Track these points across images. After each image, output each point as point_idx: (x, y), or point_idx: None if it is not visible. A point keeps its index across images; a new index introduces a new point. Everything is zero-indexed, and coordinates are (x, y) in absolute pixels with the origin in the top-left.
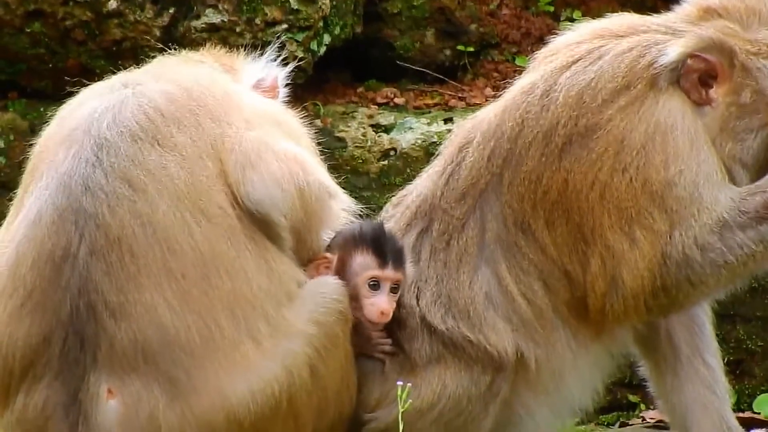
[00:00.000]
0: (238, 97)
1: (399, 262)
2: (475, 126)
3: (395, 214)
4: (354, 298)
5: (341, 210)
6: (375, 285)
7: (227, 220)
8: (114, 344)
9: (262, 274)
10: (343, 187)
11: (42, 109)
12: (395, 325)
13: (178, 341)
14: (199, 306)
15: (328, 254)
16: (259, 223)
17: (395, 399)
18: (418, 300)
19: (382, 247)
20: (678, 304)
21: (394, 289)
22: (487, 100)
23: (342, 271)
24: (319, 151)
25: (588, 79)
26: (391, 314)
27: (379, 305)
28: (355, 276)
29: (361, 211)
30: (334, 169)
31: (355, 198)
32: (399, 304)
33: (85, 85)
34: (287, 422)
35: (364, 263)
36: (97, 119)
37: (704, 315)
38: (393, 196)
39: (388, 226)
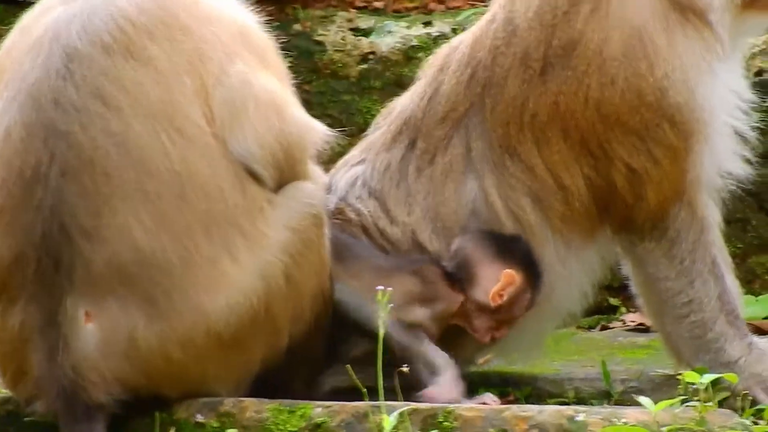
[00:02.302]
0: (207, 7)
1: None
2: (450, 54)
3: (382, 126)
4: (501, 323)
5: (319, 140)
6: None
7: (203, 138)
8: (90, 267)
9: (237, 191)
10: (322, 91)
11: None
12: (390, 247)
13: (154, 262)
14: (175, 226)
15: (514, 273)
16: None
17: None
18: (409, 215)
19: (541, 286)
20: (698, 219)
21: None
22: (466, 4)
23: (515, 300)
24: (299, 55)
25: None
26: None
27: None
28: (520, 311)
29: (337, 139)
30: (313, 73)
31: (335, 102)
32: (392, 221)
33: None
34: (265, 330)
35: (530, 300)
36: (65, 27)
37: None
38: (372, 99)
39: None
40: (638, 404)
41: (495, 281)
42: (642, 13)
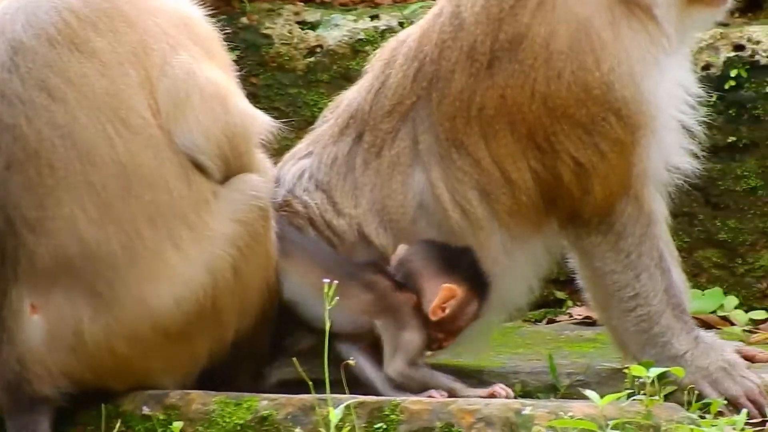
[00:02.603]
0: None
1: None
2: (398, 47)
3: (330, 119)
4: (450, 333)
5: (263, 131)
6: None
7: (148, 130)
8: (34, 259)
9: (182, 183)
10: (269, 84)
11: None
12: (337, 239)
13: (99, 254)
14: (120, 218)
15: (456, 289)
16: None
17: None
18: (355, 208)
19: (488, 297)
20: (645, 212)
21: None
22: None
23: (459, 311)
24: (246, 48)
25: None
26: None
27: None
28: (466, 322)
29: (282, 131)
30: (260, 66)
31: (282, 95)
32: (339, 213)
33: None
34: (211, 323)
35: (475, 311)
36: (9, 20)
37: None
38: (319, 92)
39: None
40: (585, 398)
41: (436, 295)
42: (588, 6)
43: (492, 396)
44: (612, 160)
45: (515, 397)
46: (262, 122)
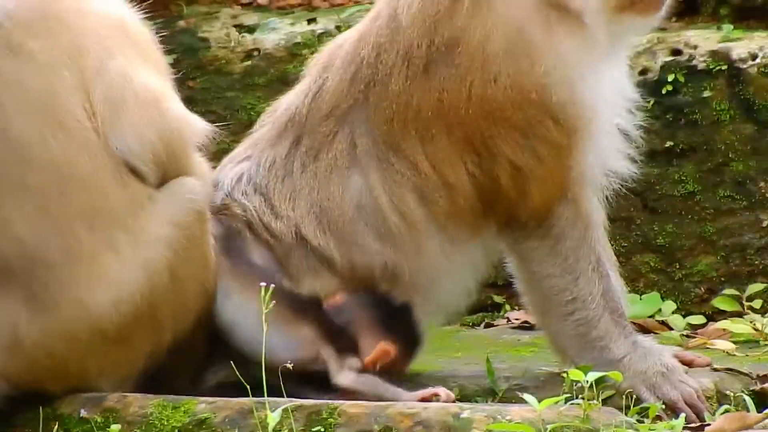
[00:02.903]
0: (86, 1)
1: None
2: (335, 51)
3: (268, 123)
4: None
5: (198, 136)
6: None
7: (84, 133)
8: None
9: (118, 186)
10: (206, 88)
11: None
12: (275, 241)
13: (36, 256)
14: (57, 220)
15: (391, 349)
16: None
17: None
18: (293, 210)
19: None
20: (583, 217)
21: None
22: (350, 1)
23: (390, 364)
24: (183, 51)
25: None
26: None
27: None
28: (392, 373)
29: (218, 135)
30: (197, 69)
31: (219, 99)
32: (276, 216)
33: None
34: (149, 327)
35: (400, 366)
36: None
37: None
38: (257, 96)
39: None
40: (523, 402)
41: (371, 350)
42: (522, 10)
43: (432, 397)
44: (549, 164)
45: (454, 401)
46: (198, 126)
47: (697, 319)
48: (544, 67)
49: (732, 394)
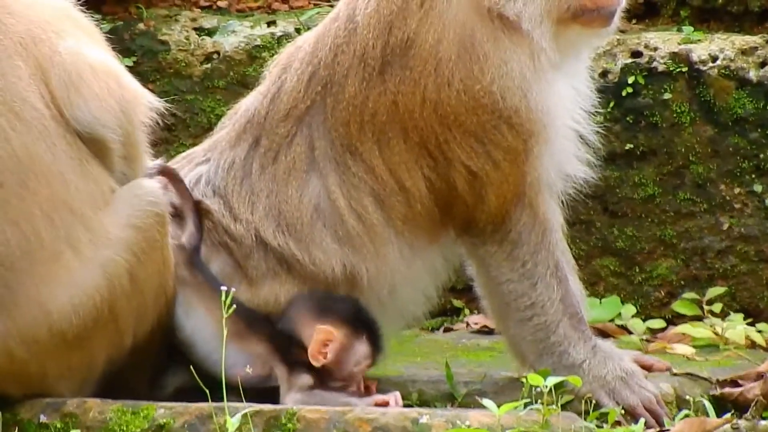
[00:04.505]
0: None
1: (383, 352)
2: (295, 53)
3: (227, 126)
4: (343, 380)
5: (150, 107)
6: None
7: (42, 122)
8: None
9: (78, 176)
10: (166, 91)
11: None
12: (234, 243)
13: None
14: (17, 215)
15: (333, 330)
16: (87, 140)
17: None
18: (252, 213)
19: (378, 340)
20: (540, 221)
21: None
22: (310, 4)
23: (342, 355)
24: (143, 54)
25: None
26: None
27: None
28: (354, 366)
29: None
30: (157, 72)
31: (179, 101)
32: (235, 219)
33: None
34: (108, 330)
35: (365, 354)
36: None
37: None
38: (216, 98)
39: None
40: (482, 407)
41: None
42: (471, 16)
43: (384, 404)
44: (505, 169)
45: (412, 406)
46: (149, 99)
47: (657, 323)
48: (492, 74)
49: (691, 398)
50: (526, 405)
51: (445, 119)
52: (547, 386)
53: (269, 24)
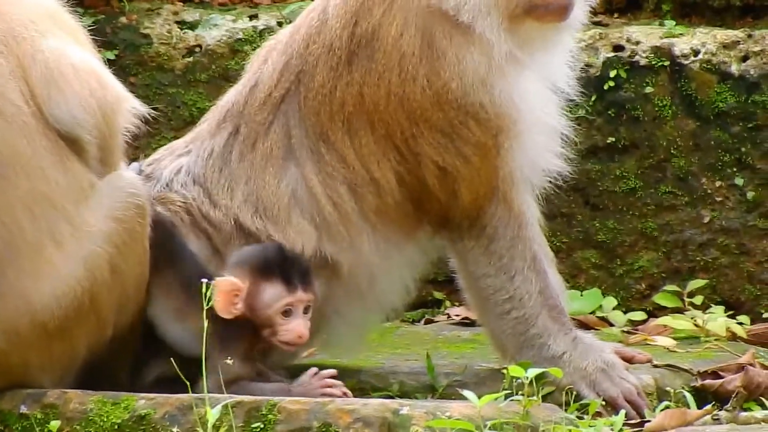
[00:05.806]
0: None
1: (308, 283)
2: (275, 45)
3: (209, 118)
4: (267, 326)
5: (131, 111)
6: (288, 311)
7: (22, 117)
8: None
9: (59, 171)
10: (148, 84)
11: None
12: (213, 230)
13: None
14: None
15: (236, 281)
16: (65, 138)
17: None
18: (231, 200)
19: (290, 273)
20: (515, 215)
21: (306, 309)
22: None
23: (252, 302)
24: (125, 47)
25: None
26: (307, 335)
27: (296, 330)
28: (267, 309)
29: (150, 113)
30: (139, 65)
31: (161, 95)
32: (215, 205)
33: None
34: (89, 321)
35: (275, 294)
36: None
37: None
38: (198, 92)
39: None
40: (463, 398)
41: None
42: (426, 15)
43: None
44: (476, 164)
45: (393, 397)
46: (130, 102)
47: (638, 316)
48: (449, 72)
49: (672, 390)
50: (506, 396)
51: (411, 114)
52: (528, 378)
53: (251, 17)
